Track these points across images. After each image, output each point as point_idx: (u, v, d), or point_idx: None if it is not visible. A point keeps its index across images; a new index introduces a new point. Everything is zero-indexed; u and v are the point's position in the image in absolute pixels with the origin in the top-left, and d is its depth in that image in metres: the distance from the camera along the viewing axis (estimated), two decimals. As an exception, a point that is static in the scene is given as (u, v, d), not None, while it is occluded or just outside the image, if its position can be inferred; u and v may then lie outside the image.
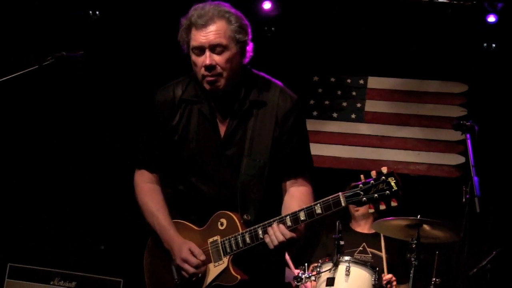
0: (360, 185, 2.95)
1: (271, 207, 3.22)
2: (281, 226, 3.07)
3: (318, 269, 5.10)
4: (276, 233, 3.08)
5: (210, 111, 3.28)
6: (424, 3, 6.32)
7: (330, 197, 3.00)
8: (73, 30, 6.72)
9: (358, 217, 5.87)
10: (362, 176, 2.95)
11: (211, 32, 3.11)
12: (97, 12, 6.58)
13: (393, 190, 2.91)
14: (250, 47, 3.24)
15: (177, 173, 3.41)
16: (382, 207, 2.94)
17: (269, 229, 3.09)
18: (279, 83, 3.34)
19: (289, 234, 3.06)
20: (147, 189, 3.47)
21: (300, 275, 5.00)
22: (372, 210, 2.98)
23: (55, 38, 6.72)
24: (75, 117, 7.00)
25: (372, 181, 2.93)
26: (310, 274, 5.04)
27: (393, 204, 2.93)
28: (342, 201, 2.97)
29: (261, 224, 3.13)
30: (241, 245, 3.19)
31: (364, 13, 6.64)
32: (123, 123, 6.94)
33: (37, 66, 3.61)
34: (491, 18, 6.16)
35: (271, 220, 3.10)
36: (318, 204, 3.01)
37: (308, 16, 6.69)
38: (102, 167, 6.96)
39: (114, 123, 6.98)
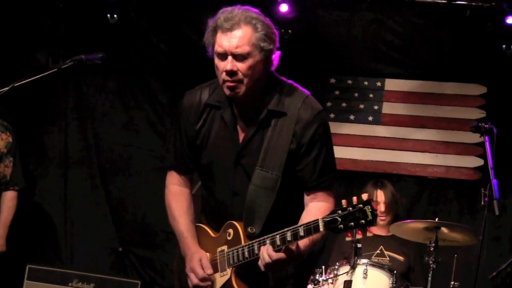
0: (339, 211, 2.91)
1: (283, 221, 3.14)
2: (269, 247, 3.03)
3: (335, 272, 5.08)
4: (263, 255, 3.04)
5: (232, 118, 3.25)
6: (442, 5, 6.29)
7: (311, 221, 2.96)
8: (91, 33, 6.76)
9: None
10: (343, 201, 2.92)
11: (235, 38, 3.05)
12: (115, 16, 6.60)
13: (368, 219, 2.87)
14: (276, 56, 3.18)
15: (201, 177, 3.42)
16: (358, 236, 2.94)
17: (261, 251, 3.07)
18: (306, 92, 3.28)
19: (275, 256, 3.02)
20: (174, 192, 3.49)
21: (317, 277, 5.00)
22: (349, 238, 2.98)
23: (73, 40, 6.78)
24: (98, 116, 7.04)
25: (350, 209, 2.89)
26: (328, 277, 5.03)
27: (369, 234, 2.93)
28: (320, 226, 2.93)
29: (257, 240, 3.12)
30: (241, 258, 3.18)
31: (381, 15, 6.62)
32: (144, 124, 6.98)
33: (56, 69, 3.63)
34: (510, 20, 6.11)
35: (266, 236, 3.07)
36: (302, 227, 2.98)
37: (325, 18, 6.69)
38: (121, 167, 6.99)
39: (133, 123, 7.02)
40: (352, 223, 2.88)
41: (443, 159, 6.65)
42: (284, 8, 6.27)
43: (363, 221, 2.87)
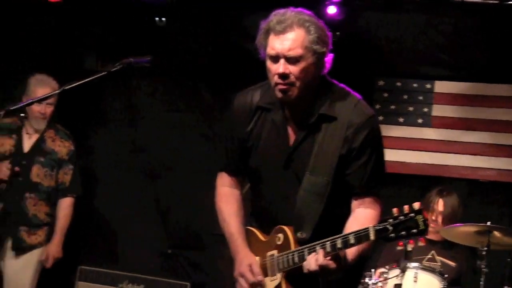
0: (390, 220, 2.87)
1: (332, 226, 3.12)
2: (320, 252, 2.99)
3: (385, 275, 5.04)
4: (310, 262, 3.01)
5: (282, 120, 3.23)
6: (492, 5, 6.20)
7: (362, 229, 2.92)
8: (140, 36, 6.82)
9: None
10: (394, 209, 2.88)
11: (288, 40, 3.03)
12: (163, 19, 6.65)
13: (419, 229, 2.83)
14: (329, 58, 3.16)
15: (250, 179, 3.42)
16: (410, 245, 2.91)
17: (309, 256, 3.04)
18: (358, 96, 3.25)
19: (321, 261, 2.98)
20: (223, 193, 3.48)
21: (366, 280, 4.96)
22: (400, 247, 2.96)
23: (122, 44, 6.85)
24: (146, 119, 7.11)
25: (401, 217, 2.85)
26: (377, 280, 4.99)
27: (421, 243, 2.89)
28: (371, 235, 2.90)
29: (307, 246, 3.08)
30: (291, 263, 3.15)
31: (430, 16, 6.55)
32: (192, 127, 7.03)
33: (105, 73, 3.66)
34: None
35: (316, 243, 3.03)
36: (352, 235, 2.94)
37: (373, 20, 6.65)
38: (169, 170, 7.04)
39: (181, 126, 7.07)
40: (404, 232, 2.85)
41: (494, 162, 6.55)
42: (332, 10, 6.25)
43: (414, 230, 2.83)
